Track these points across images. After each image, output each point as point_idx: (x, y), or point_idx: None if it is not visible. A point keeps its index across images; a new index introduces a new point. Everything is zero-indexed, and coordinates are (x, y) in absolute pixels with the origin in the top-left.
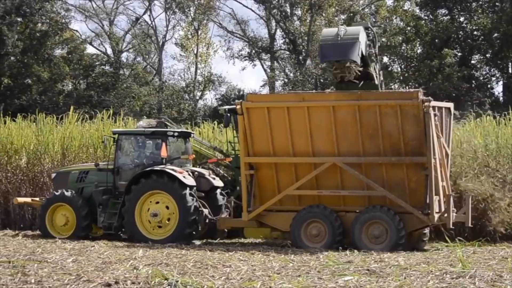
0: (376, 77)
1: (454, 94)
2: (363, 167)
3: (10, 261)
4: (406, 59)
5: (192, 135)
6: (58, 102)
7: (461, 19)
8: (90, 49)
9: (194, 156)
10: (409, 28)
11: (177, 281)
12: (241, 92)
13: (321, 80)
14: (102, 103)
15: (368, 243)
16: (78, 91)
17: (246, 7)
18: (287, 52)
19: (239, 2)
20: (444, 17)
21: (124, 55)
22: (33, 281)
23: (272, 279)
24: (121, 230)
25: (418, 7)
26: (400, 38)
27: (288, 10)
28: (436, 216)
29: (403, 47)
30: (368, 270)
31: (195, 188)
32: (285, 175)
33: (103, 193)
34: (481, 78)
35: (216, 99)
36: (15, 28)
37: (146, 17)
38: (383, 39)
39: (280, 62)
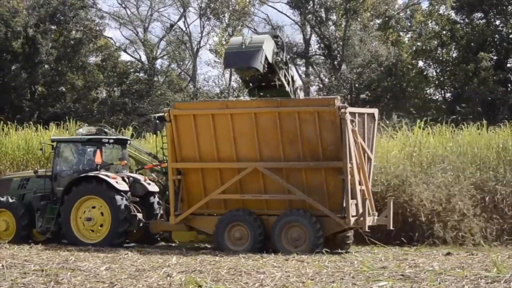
0: (288, 83)
1: (489, 98)
2: (284, 171)
3: (43, 269)
4: (442, 63)
5: (128, 142)
6: (92, 109)
7: (497, 22)
8: (124, 56)
9: (126, 162)
10: (444, 32)
11: None
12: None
13: (356, 85)
14: (137, 110)
15: (287, 246)
16: (112, 99)
17: (281, 12)
18: (322, 57)
19: (274, 8)
20: (479, 21)
21: (158, 62)
22: None
23: (306, 286)
24: (58, 235)
25: (453, 11)
26: (436, 42)
27: (323, 15)
28: (353, 219)
29: (438, 51)
30: (402, 275)
31: (129, 193)
32: (211, 180)
33: (41, 198)
34: None
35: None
36: (49, 36)
37: (180, 23)
38: (419, 43)
39: (315, 67)
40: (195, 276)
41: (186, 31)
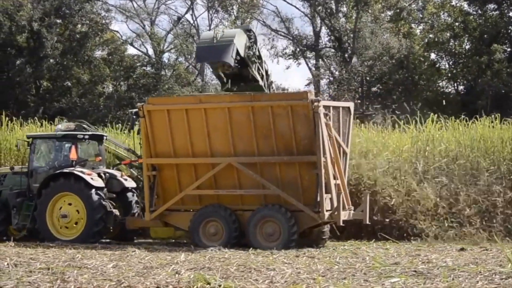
0: (262, 77)
1: (503, 91)
2: (258, 166)
3: (49, 267)
4: (454, 55)
5: (105, 137)
6: (98, 104)
7: (511, 14)
8: (131, 50)
9: (101, 158)
10: (457, 23)
11: (219, 285)
12: (286, 92)
13: (367, 78)
14: None
15: (262, 241)
16: (118, 93)
17: (291, 4)
18: (333, 50)
19: (283, 0)
20: (493, 12)
21: (165, 55)
22: (72, 287)
23: (317, 282)
24: (34, 232)
25: (466, 2)
26: (448, 34)
27: (334, 7)
28: (327, 214)
29: (451, 43)
30: (415, 271)
31: (105, 189)
32: (185, 175)
33: (17, 195)
34: None
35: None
36: (54, 30)
37: (188, 16)
38: (431, 35)
39: (325, 60)
40: (204, 273)
41: (193, 24)
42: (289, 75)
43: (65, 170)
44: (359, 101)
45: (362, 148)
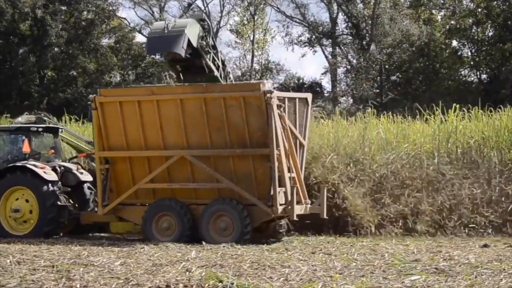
0: (217, 68)
1: None
2: (212, 159)
3: (54, 265)
4: (477, 42)
5: (60, 130)
6: None
7: None
8: (139, 38)
9: (53, 151)
10: (479, 9)
11: (232, 284)
12: (301, 81)
13: (386, 66)
14: None
15: (215, 236)
16: (126, 83)
17: None
18: (350, 37)
19: None
20: None
21: None
22: (78, 286)
23: (334, 280)
24: None
25: None
26: (471, 21)
27: None
28: (280, 208)
29: (473, 30)
30: (436, 269)
31: (59, 183)
32: (138, 168)
33: None
34: None
35: (274, 88)
36: (59, 17)
37: (199, 2)
38: (452, 22)
39: (342, 47)
40: (215, 271)
41: (205, 11)
42: (304, 63)
43: (17, 164)
44: (377, 91)
45: (381, 139)
